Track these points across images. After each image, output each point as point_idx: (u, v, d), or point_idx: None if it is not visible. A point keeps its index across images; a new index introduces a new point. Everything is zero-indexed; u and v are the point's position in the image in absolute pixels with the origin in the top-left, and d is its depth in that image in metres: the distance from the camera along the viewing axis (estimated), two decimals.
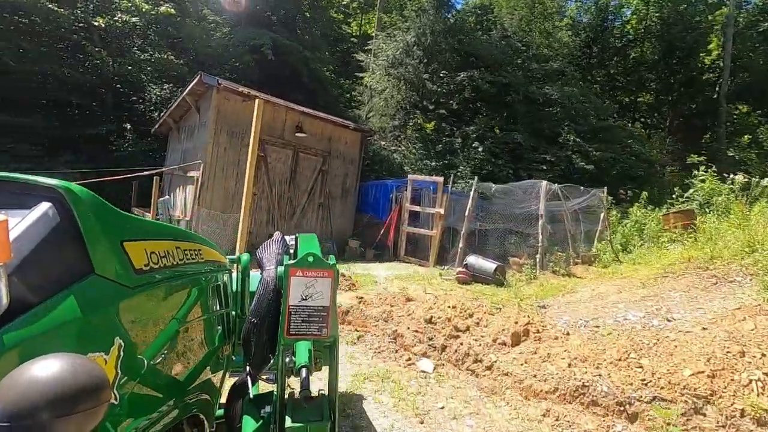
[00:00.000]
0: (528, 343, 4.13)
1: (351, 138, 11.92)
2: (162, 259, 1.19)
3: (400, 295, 5.93)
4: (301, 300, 1.40)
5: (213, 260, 1.65)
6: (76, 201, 0.92)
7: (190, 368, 1.37)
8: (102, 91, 15.00)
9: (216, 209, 9.36)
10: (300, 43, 17.74)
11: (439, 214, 9.79)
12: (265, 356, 1.56)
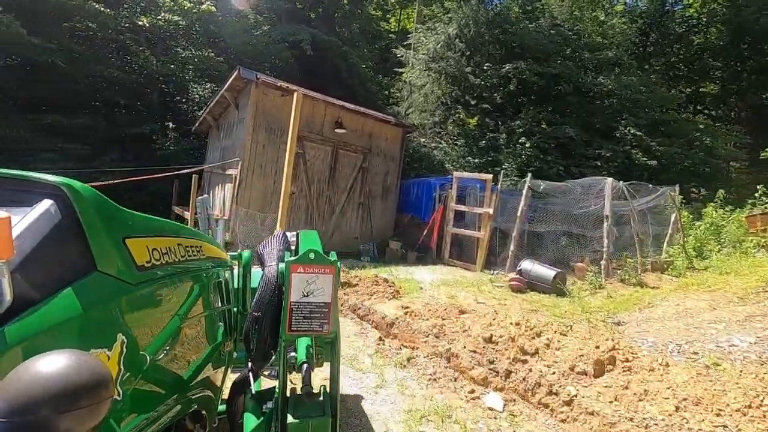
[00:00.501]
0: (615, 374, 3.41)
1: (392, 134, 11.37)
2: (164, 255, 1.17)
3: (451, 306, 5.31)
4: (303, 296, 1.37)
5: (214, 257, 1.62)
6: (78, 198, 0.90)
7: (192, 364, 1.36)
8: (147, 91, 15.28)
9: (254, 208, 9.09)
10: (339, 39, 17.37)
11: (488, 214, 9.06)
12: (266, 352, 1.55)
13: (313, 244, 1.66)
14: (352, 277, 6.81)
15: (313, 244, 1.65)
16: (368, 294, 5.99)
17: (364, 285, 6.37)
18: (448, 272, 8.71)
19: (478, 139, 18.62)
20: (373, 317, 5.28)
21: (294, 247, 1.89)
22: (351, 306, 5.68)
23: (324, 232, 10.34)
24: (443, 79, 20.23)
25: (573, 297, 6.65)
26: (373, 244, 10.79)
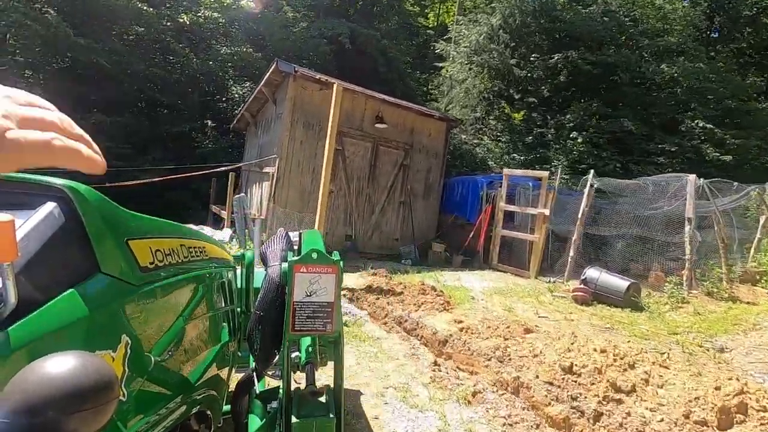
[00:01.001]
0: (750, 430, 2.61)
1: (435, 129, 10.69)
2: (167, 257, 1.16)
3: (512, 322, 4.60)
4: (306, 296, 1.33)
5: (218, 257, 1.60)
6: (81, 200, 0.90)
7: (197, 365, 1.34)
8: (189, 91, 15.37)
9: (291, 208, 8.69)
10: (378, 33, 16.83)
11: (543, 215, 8.21)
12: (270, 352, 1.54)
13: (316, 244, 1.62)
14: (395, 284, 6.21)
15: (315, 244, 1.61)
16: (415, 304, 5.37)
17: (410, 294, 5.76)
18: (499, 279, 7.95)
19: (524, 134, 17.58)
20: (423, 332, 4.66)
21: (297, 247, 1.87)
22: (396, 318, 5.08)
23: (363, 233, 9.83)
24: (486, 73, 19.32)
25: (651, 312, 5.76)
26: (414, 245, 10.17)
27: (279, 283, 1.44)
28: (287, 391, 1.43)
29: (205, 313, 1.46)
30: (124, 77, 13.68)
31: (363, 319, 4.75)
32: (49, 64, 14.49)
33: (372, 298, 5.75)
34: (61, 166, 0.39)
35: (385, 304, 5.47)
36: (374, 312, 5.45)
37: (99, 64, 12.77)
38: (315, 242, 1.70)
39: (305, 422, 1.30)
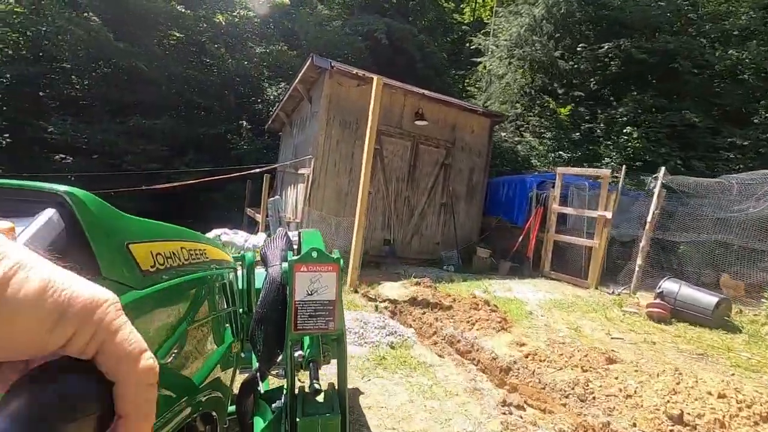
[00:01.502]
0: None
1: (478, 125, 9.98)
2: (168, 259, 1.16)
3: (590, 349, 3.90)
4: (307, 295, 1.34)
5: (218, 259, 1.56)
6: (80, 205, 0.89)
7: (201, 366, 1.33)
8: (225, 93, 15.37)
9: (327, 210, 8.25)
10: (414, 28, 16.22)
11: (605, 218, 7.37)
12: (273, 352, 1.52)
13: (316, 243, 1.61)
14: (443, 296, 5.61)
15: (315, 243, 1.60)
16: (468, 321, 4.75)
17: (461, 308, 5.14)
18: (554, 289, 7.18)
19: (570, 130, 16.48)
20: (480, 356, 4.04)
21: (297, 247, 1.86)
22: (447, 338, 4.49)
23: (402, 238, 9.27)
24: (527, 67, 18.36)
25: (749, 334, 4.87)
26: (456, 250, 9.52)
27: (280, 283, 1.44)
28: (291, 391, 1.43)
29: (207, 314, 1.43)
30: (162, 80, 13.77)
31: (410, 340, 4.18)
32: (93, 70, 14.83)
33: (417, 313, 5.18)
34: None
35: (432, 320, 4.88)
36: (420, 328, 4.88)
37: (138, 67, 12.87)
38: (315, 242, 1.67)
39: (310, 421, 1.29)
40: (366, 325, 4.19)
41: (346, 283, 6.26)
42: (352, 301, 5.51)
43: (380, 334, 4.12)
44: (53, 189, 0.89)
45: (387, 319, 4.50)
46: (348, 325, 4.16)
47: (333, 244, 7.50)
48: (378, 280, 7.09)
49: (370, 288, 6.53)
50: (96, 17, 12.95)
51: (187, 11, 13.11)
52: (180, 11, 12.89)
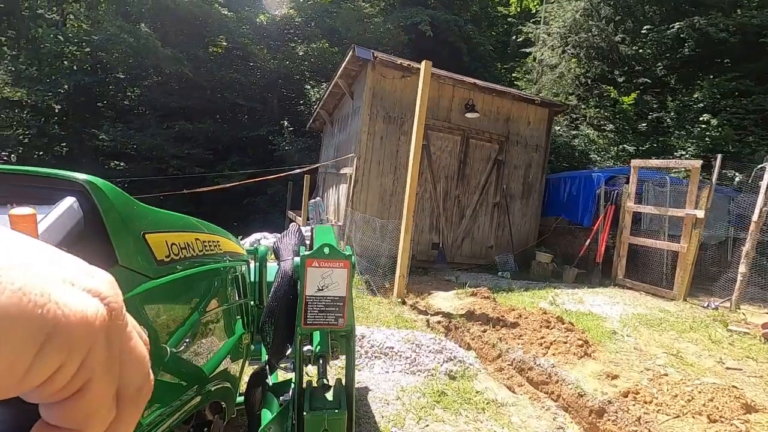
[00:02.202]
0: None
1: (535, 117, 9.05)
2: (182, 250, 1.16)
3: (716, 390, 3.02)
4: (318, 290, 1.34)
5: (231, 251, 1.58)
6: (100, 195, 0.90)
7: (212, 357, 1.33)
8: (268, 95, 15.31)
9: (370, 212, 7.67)
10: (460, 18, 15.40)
11: (694, 218, 6.27)
12: (283, 345, 1.52)
13: (328, 239, 1.57)
14: (505, 310, 4.84)
15: (327, 239, 1.56)
16: (540, 344, 3.97)
17: (529, 325, 4.36)
18: (633, 300, 6.17)
19: (634, 121, 14.98)
20: (561, 390, 3.27)
21: (309, 242, 1.83)
22: (517, 363, 3.74)
23: (452, 241, 8.53)
24: (583, 54, 16.99)
25: None
26: (512, 255, 8.64)
27: (291, 277, 1.43)
28: (299, 385, 1.43)
29: (219, 306, 1.42)
30: (207, 85, 13.87)
31: (473, 368, 3.48)
32: (144, 79, 15.24)
33: (476, 330, 4.45)
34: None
35: (495, 340, 4.15)
36: (482, 349, 4.16)
37: (184, 73, 13.00)
38: (327, 237, 1.63)
39: (316, 415, 1.29)
40: (419, 349, 3.53)
41: (393, 293, 5.64)
42: (400, 315, 4.87)
43: (436, 359, 3.45)
44: (73, 177, 0.90)
45: (444, 341, 3.82)
46: (398, 348, 3.52)
47: (378, 248, 6.91)
48: (427, 288, 6.41)
49: (420, 298, 5.87)
50: (145, 26, 13.22)
51: (230, 14, 13.08)
52: (223, 14, 12.88)
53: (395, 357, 3.43)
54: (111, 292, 0.26)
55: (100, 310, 0.24)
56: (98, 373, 0.24)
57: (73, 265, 0.25)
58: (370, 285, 6.29)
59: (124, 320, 0.26)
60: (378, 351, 3.48)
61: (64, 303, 0.22)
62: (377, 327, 4.22)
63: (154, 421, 0.98)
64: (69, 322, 0.22)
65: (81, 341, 0.23)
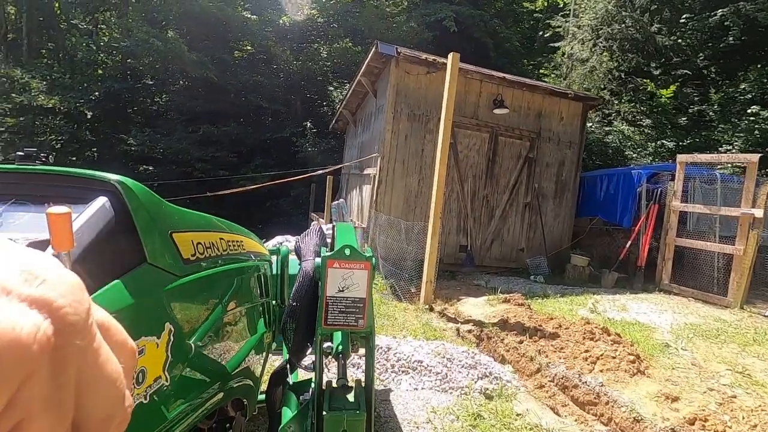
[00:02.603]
0: None
1: (568, 112, 8.57)
2: (207, 249, 1.19)
3: None
4: (338, 291, 1.35)
5: (254, 251, 1.62)
6: (130, 195, 0.93)
7: (234, 354, 1.36)
8: (292, 97, 15.28)
9: (395, 214, 7.39)
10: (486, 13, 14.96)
11: (752, 217, 5.70)
12: (303, 345, 1.55)
13: (349, 239, 1.56)
14: (543, 319, 4.46)
15: (349, 240, 1.55)
16: (585, 358, 3.58)
17: (571, 336, 3.97)
18: (682, 308, 5.65)
19: (673, 115, 14.15)
20: (612, 413, 2.90)
21: (330, 240, 1.83)
22: (559, 380, 3.37)
23: (481, 243, 8.14)
24: (616, 47, 16.23)
25: None
26: (545, 257, 8.18)
27: (312, 278, 1.43)
28: (319, 385, 1.43)
29: (242, 304, 1.43)
30: (231, 88, 13.94)
31: (511, 385, 3.14)
32: (171, 84, 15.49)
33: (511, 340, 4.10)
34: None
35: (533, 352, 3.78)
36: (518, 362, 3.81)
37: (209, 78, 13.09)
38: (349, 238, 1.60)
39: (336, 416, 1.30)
40: (450, 363, 3.22)
41: (420, 299, 5.34)
42: (428, 323, 4.57)
43: (470, 375, 3.13)
44: (106, 177, 0.92)
45: (477, 354, 3.49)
46: (427, 362, 3.22)
47: (403, 251, 6.62)
48: (456, 294, 6.07)
49: (448, 305, 5.53)
50: (171, 31, 13.41)
51: (253, 17, 13.11)
52: (246, 17, 12.91)
53: (424, 372, 3.13)
54: (66, 300, 0.19)
55: (43, 327, 0.18)
56: (36, 410, 0.18)
57: (9, 263, 0.18)
58: (395, 290, 6.01)
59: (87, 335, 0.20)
60: (405, 365, 3.19)
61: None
62: (403, 337, 3.93)
63: (179, 415, 0.99)
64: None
65: (8, 374, 0.17)
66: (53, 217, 0.42)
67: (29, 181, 0.95)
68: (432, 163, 7.43)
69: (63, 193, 0.93)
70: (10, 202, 0.87)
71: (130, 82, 14.80)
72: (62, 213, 0.44)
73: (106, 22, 15.63)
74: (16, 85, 12.47)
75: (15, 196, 0.90)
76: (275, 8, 14.08)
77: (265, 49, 14.15)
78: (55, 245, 0.46)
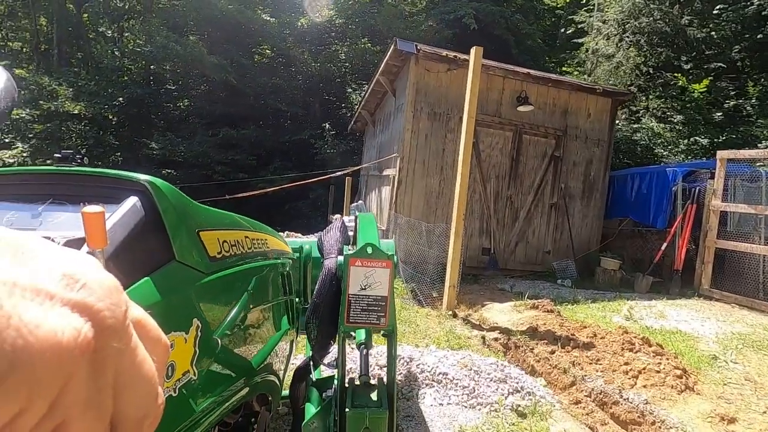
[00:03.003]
0: None
1: (596, 108, 8.19)
2: (233, 247, 1.21)
3: None
4: (361, 289, 1.36)
5: (278, 249, 1.64)
6: (159, 194, 0.96)
7: (259, 350, 1.38)
8: (311, 99, 15.27)
9: (415, 215, 7.18)
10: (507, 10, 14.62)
11: None
12: (326, 342, 1.55)
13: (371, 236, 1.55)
14: (575, 327, 4.17)
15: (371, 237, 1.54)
16: (625, 371, 3.30)
17: (607, 346, 3.68)
18: (727, 315, 5.25)
19: (708, 111, 13.49)
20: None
21: (353, 233, 1.84)
22: (596, 395, 3.10)
23: (504, 246, 7.85)
24: (644, 41, 15.63)
25: None
26: (572, 260, 7.83)
27: (335, 275, 1.45)
28: (342, 381, 1.45)
29: (266, 301, 1.45)
30: (250, 91, 13.99)
31: (545, 401, 2.89)
32: (192, 88, 15.68)
33: (542, 350, 3.83)
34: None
35: (567, 364, 3.51)
36: (549, 374, 3.54)
37: (228, 80, 13.17)
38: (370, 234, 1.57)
39: (358, 413, 1.31)
40: (478, 376, 2.99)
41: (442, 305, 5.11)
42: (452, 330, 4.34)
43: (500, 389, 2.89)
44: (136, 178, 0.95)
45: (507, 367, 3.24)
46: (452, 374, 3.00)
47: (424, 254, 6.39)
48: (480, 299, 5.82)
49: (472, 310, 5.29)
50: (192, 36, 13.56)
51: (272, 19, 13.13)
52: (266, 20, 12.94)
53: (450, 386, 2.91)
54: (105, 303, 0.19)
55: (84, 330, 0.18)
56: (76, 412, 0.18)
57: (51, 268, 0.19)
58: (416, 294, 5.79)
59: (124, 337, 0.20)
60: (429, 377, 2.98)
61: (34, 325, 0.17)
62: (426, 346, 3.72)
63: (206, 408, 1.01)
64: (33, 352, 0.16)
65: (51, 378, 0.17)
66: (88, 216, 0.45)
67: (66, 181, 0.99)
68: (453, 163, 7.20)
69: (97, 193, 0.96)
70: (49, 202, 0.90)
71: (153, 87, 15.04)
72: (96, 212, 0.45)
73: (130, 29, 15.94)
74: (44, 92, 12.80)
75: (53, 196, 0.94)
76: (294, 11, 14.08)
77: (284, 52, 14.17)
78: (90, 243, 0.48)
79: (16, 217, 0.88)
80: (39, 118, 12.72)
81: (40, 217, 0.89)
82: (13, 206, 0.91)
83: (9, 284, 0.17)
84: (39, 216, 0.89)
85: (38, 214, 0.89)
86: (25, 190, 0.98)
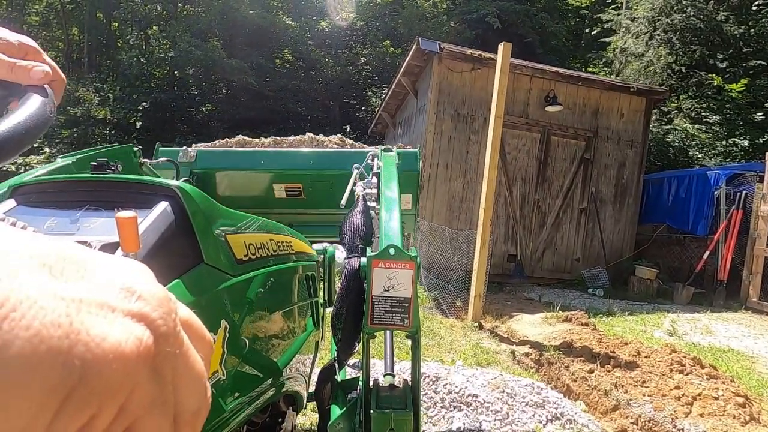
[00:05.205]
0: None
1: (629, 108, 7.78)
2: (258, 250, 1.24)
3: None
4: (384, 291, 1.35)
5: (302, 252, 1.63)
6: (189, 200, 0.98)
7: (285, 351, 1.41)
8: (330, 103, 15.20)
9: (437, 221, 6.92)
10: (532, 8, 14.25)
11: None
12: (351, 343, 1.52)
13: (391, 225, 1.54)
14: (615, 343, 3.83)
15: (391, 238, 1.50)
16: (676, 397, 2.96)
17: (655, 368, 3.34)
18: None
19: (746, 111, 12.78)
20: None
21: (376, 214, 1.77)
22: (643, 422, 2.78)
23: (531, 252, 7.50)
24: (676, 39, 14.99)
25: None
26: (604, 269, 7.41)
27: (358, 275, 1.42)
28: (366, 383, 1.44)
29: (291, 303, 1.46)
30: (270, 95, 14.01)
31: (587, 429, 2.59)
32: (214, 93, 15.82)
33: (579, 369, 3.51)
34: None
35: (608, 385, 3.19)
36: (588, 395, 3.23)
37: (248, 83, 13.21)
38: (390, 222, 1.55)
39: (383, 414, 1.31)
40: (512, 400, 2.71)
41: (468, 316, 4.83)
42: (479, 344, 4.05)
43: (537, 416, 2.61)
44: (166, 183, 0.99)
45: (544, 389, 2.95)
46: (483, 396, 2.73)
47: (447, 261, 6.11)
48: (507, 309, 5.50)
49: (499, 322, 4.99)
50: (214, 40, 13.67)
51: (293, 23, 13.12)
52: (287, 23, 12.93)
53: (480, 409, 2.64)
54: (159, 312, 0.21)
55: (145, 338, 0.20)
56: (144, 412, 0.20)
57: (110, 280, 0.21)
58: (439, 303, 5.52)
59: (176, 341, 0.22)
60: (457, 399, 2.72)
61: (100, 338, 0.18)
62: (452, 362, 3.45)
63: (235, 408, 1.04)
64: (101, 363, 0.18)
65: (119, 385, 0.19)
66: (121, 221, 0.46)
67: (101, 188, 1.03)
68: (477, 166, 6.92)
69: (130, 199, 1.00)
70: (85, 208, 0.95)
71: (176, 92, 15.24)
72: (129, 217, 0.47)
73: (154, 36, 16.24)
74: (71, 98, 13.08)
75: (89, 202, 0.98)
76: (315, 14, 14.05)
77: (305, 55, 14.14)
78: (124, 247, 0.50)
79: (56, 223, 0.92)
80: (66, 123, 13.00)
81: (77, 223, 0.93)
82: (53, 212, 0.96)
83: (77, 301, 0.18)
84: (77, 222, 0.93)
85: (76, 220, 0.94)
86: (64, 197, 1.03)
